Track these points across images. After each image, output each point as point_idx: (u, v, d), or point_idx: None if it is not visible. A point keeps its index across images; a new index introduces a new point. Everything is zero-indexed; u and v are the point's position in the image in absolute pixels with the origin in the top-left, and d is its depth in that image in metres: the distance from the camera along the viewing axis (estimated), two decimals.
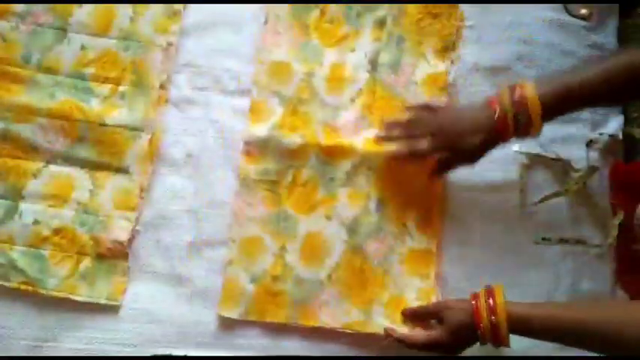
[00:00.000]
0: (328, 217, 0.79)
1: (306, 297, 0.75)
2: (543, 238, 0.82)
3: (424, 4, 0.85)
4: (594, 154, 0.85)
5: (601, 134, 0.85)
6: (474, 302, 0.66)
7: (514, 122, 0.67)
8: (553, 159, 0.83)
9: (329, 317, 0.75)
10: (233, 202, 0.78)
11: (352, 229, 0.78)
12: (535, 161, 0.83)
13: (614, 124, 0.86)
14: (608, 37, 0.89)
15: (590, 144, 0.84)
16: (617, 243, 0.83)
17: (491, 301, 0.65)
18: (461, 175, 0.78)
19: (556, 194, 0.82)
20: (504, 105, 0.67)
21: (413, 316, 0.74)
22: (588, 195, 0.84)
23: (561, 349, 0.78)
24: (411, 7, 0.85)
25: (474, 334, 0.66)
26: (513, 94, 0.67)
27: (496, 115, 0.67)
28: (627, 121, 0.87)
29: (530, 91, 0.66)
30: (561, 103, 0.66)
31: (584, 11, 0.89)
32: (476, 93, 0.84)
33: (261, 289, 0.75)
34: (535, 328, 0.63)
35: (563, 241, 0.82)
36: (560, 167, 0.84)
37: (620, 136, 0.85)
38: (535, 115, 0.66)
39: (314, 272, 0.76)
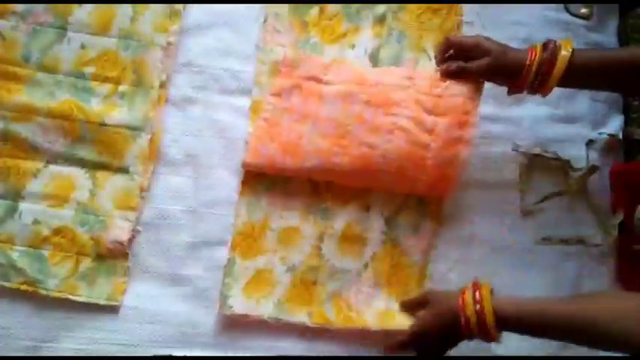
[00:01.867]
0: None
1: None
2: (543, 238, 0.82)
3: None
4: (594, 154, 0.85)
5: (601, 134, 0.85)
6: (461, 291, 0.66)
7: (537, 67, 0.69)
8: (553, 159, 0.83)
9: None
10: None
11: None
12: (535, 161, 0.84)
13: (614, 123, 0.86)
14: (608, 36, 0.89)
15: (590, 144, 0.84)
16: (617, 243, 0.83)
17: (477, 293, 0.64)
18: (461, 174, 0.78)
19: (556, 194, 0.82)
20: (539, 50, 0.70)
21: (404, 309, 0.74)
22: (588, 195, 0.84)
23: (561, 349, 0.79)
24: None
25: (458, 323, 0.64)
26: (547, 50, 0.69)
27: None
28: (627, 122, 0.87)
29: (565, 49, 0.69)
30: (586, 67, 0.69)
31: (584, 11, 0.89)
32: None
33: None
34: (523, 321, 0.61)
35: (563, 241, 0.82)
36: (560, 167, 0.84)
37: (620, 136, 0.85)
38: (558, 68, 0.68)
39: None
